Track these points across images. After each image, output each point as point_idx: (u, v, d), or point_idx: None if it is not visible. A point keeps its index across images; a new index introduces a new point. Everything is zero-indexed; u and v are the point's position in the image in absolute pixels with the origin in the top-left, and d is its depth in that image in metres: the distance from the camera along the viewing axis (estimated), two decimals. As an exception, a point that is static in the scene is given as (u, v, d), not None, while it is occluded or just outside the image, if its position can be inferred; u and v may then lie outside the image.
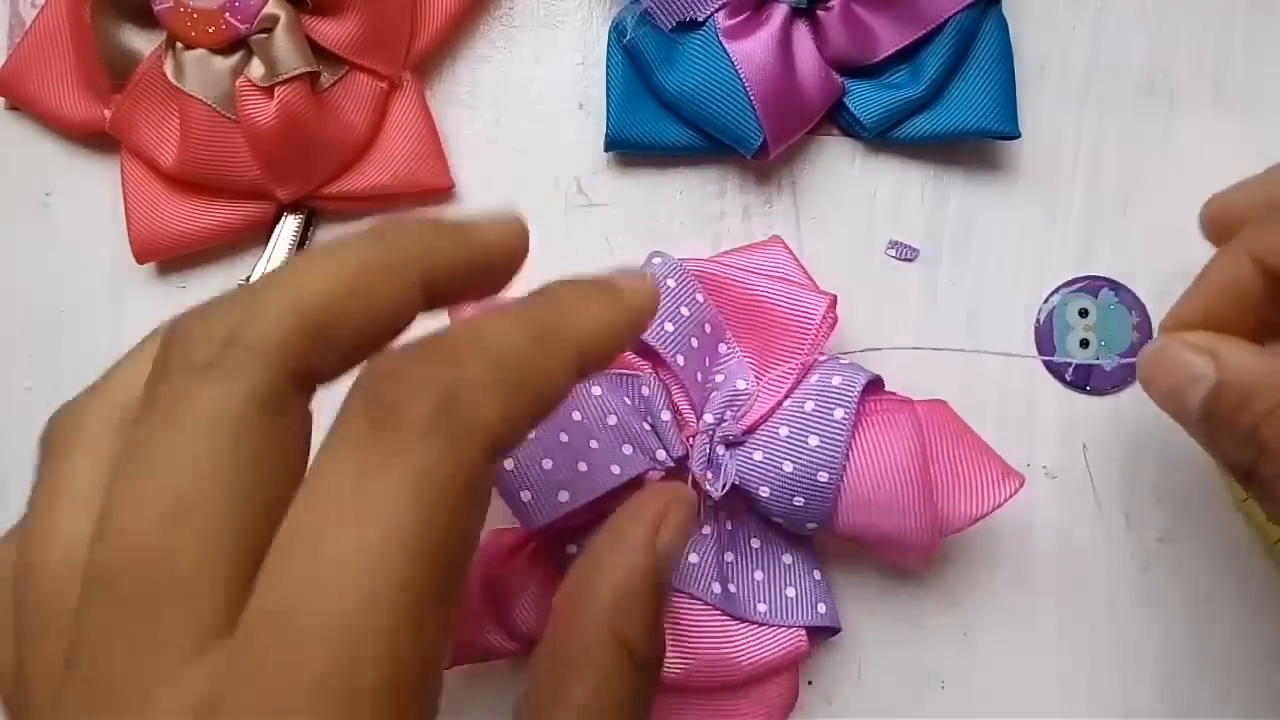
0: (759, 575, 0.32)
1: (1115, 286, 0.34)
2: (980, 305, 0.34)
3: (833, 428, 0.29)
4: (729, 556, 0.31)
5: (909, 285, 0.34)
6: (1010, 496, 0.30)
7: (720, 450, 0.30)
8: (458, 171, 0.34)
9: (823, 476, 0.29)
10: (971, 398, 0.33)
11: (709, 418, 0.30)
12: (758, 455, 0.30)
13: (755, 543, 0.32)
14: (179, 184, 0.33)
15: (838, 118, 0.34)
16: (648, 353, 0.30)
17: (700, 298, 0.31)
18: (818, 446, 0.29)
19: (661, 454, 0.30)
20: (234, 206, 0.33)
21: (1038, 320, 0.34)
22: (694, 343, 0.30)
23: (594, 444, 0.29)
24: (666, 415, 0.30)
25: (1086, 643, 0.33)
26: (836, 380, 0.30)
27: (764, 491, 0.30)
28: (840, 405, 0.29)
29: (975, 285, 0.34)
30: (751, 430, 0.31)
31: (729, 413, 0.31)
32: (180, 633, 0.16)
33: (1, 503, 0.35)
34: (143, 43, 0.33)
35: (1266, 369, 0.24)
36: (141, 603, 0.16)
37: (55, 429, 0.21)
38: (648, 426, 0.30)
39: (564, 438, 0.29)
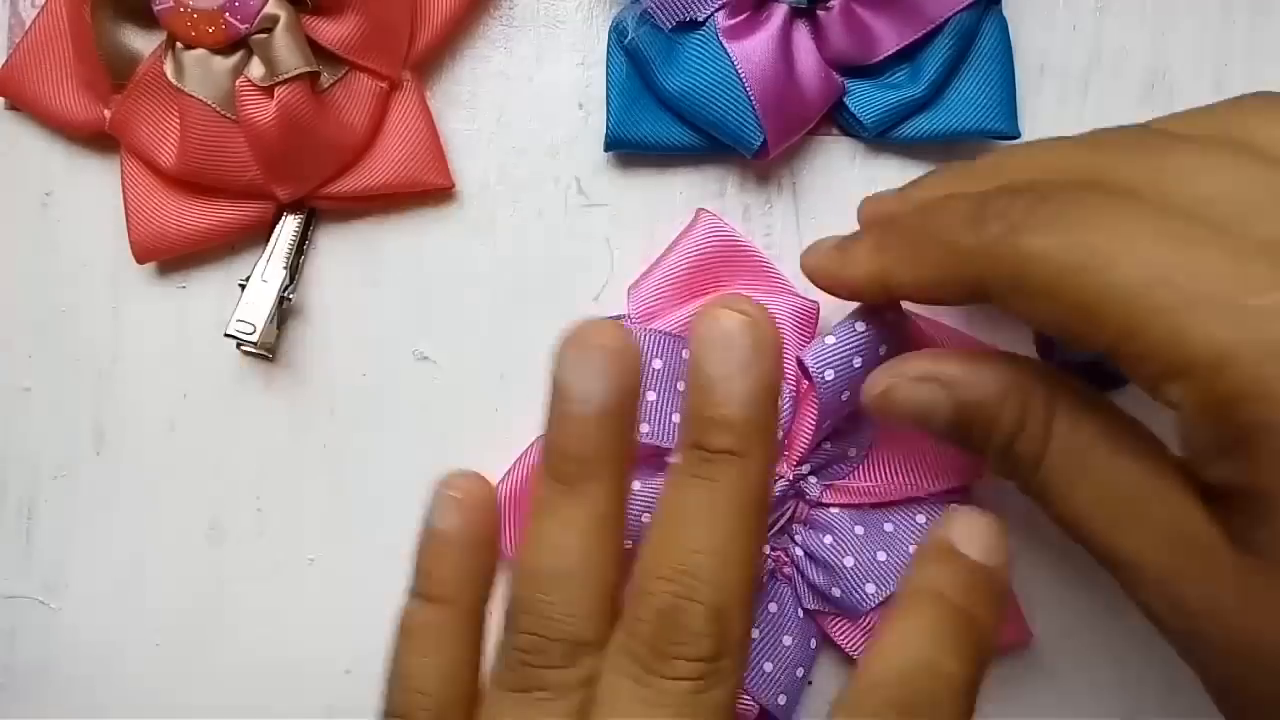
0: (754, 633, 0.32)
1: None
2: (980, 305, 0.34)
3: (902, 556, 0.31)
4: None
5: (909, 285, 0.34)
6: None
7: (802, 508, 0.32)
8: (458, 171, 0.34)
9: (870, 588, 0.31)
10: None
11: (805, 467, 0.31)
12: (828, 539, 0.31)
13: (773, 607, 0.32)
14: (179, 184, 0.33)
15: (838, 118, 0.34)
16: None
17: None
18: (885, 562, 0.31)
19: None
20: (234, 206, 0.33)
21: None
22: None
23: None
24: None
25: (1087, 643, 0.33)
26: (920, 519, 0.31)
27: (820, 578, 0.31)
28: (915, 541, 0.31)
29: (975, 285, 0.34)
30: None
31: (821, 475, 0.31)
32: None
33: (1, 503, 0.35)
34: (143, 43, 0.33)
35: (995, 376, 0.24)
36: None
37: None
38: None
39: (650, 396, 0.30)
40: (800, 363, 0.29)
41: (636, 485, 0.28)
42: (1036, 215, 0.22)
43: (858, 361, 0.29)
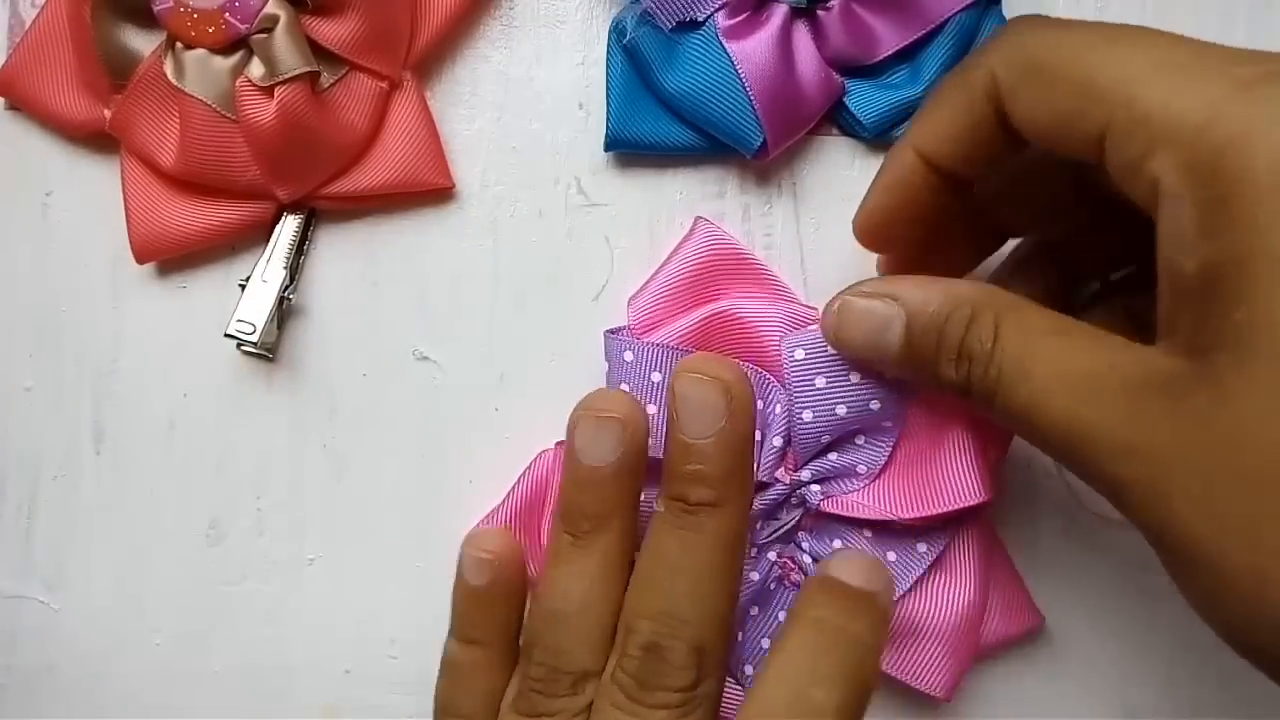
0: (764, 642, 0.32)
1: None
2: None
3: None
4: (754, 610, 0.32)
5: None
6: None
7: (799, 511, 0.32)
8: (458, 171, 0.34)
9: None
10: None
11: (806, 473, 0.31)
12: (836, 544, 0.31)
13: (782, 614, 0.32)
14: (179, 184, 0.33)
15: (838, 118, 0.34)
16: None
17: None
18: (894, 561, 0.31)
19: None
20: (234, 206, 0.33)
21: None
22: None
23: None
24: (778, 441, 0.31)
25: (1087, 642, 0.33)
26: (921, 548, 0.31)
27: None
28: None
29: (975, 285, 0.34)
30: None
31: (823, 487, 0.31)
32: None
33: (1, 502, 0.35)
34: (143, 43, 0.33)
35: (945, 291, 0.25)
36: None
37: None
38: (758, 435, 0.31)
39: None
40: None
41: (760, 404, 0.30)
42: (1038, 25, 0.25)
43: (832, 350, 0.29)
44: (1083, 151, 0.23)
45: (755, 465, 0.29)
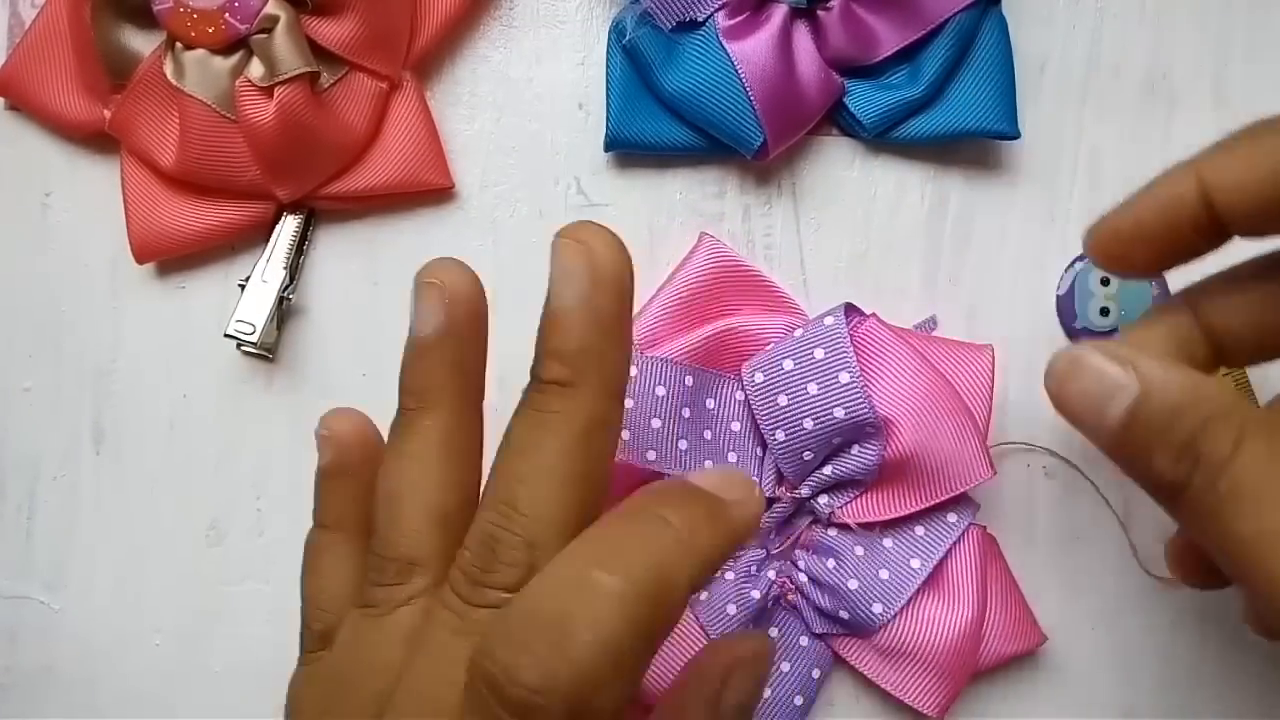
0: None
1: None
2: (980, 305, 0.34)
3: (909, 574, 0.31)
4: (750, 628, 0.32)
5: (909, 286, 0.34)
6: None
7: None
8: (458, 171, 0.34)
9: (877, 608, 0.31)
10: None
11: (805, 489, 0.31)
12: (831, 563, 0.31)
13: (774, 632, 0.32)
14: (179, 184, 0.33)
15: (838, 118, 0.34)
16: None
17: (691, 381, 0.31)
18: (888, 580, 0.31)
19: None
20: (234, 206, 0.33)
21: (1059, 288, 0.34)
22: (735, 427, 0.32)
23: (707, 434, 0.31)
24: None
25: (1087, 643, 0.34)
26: (920, 530, 0.31)
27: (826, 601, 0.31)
28: (918, 556, 0.31)
29: (974, 285, 0.34)
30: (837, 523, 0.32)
31: (831, 498, 0.32)
32: None
33: (1, 502, 0.35)
34: (143, 43, 0.33)
35: (1193, 382, 0.23)
36: None
37: None
38: (759, 452, 0.32)
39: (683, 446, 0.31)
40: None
41: (710, 404, 0.30)
42: None
43: (789, 364, 0.30)
44: None
45: (630, 348, 0.26)
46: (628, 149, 0.34)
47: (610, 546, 0.20)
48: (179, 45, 0.32)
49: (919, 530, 0.31)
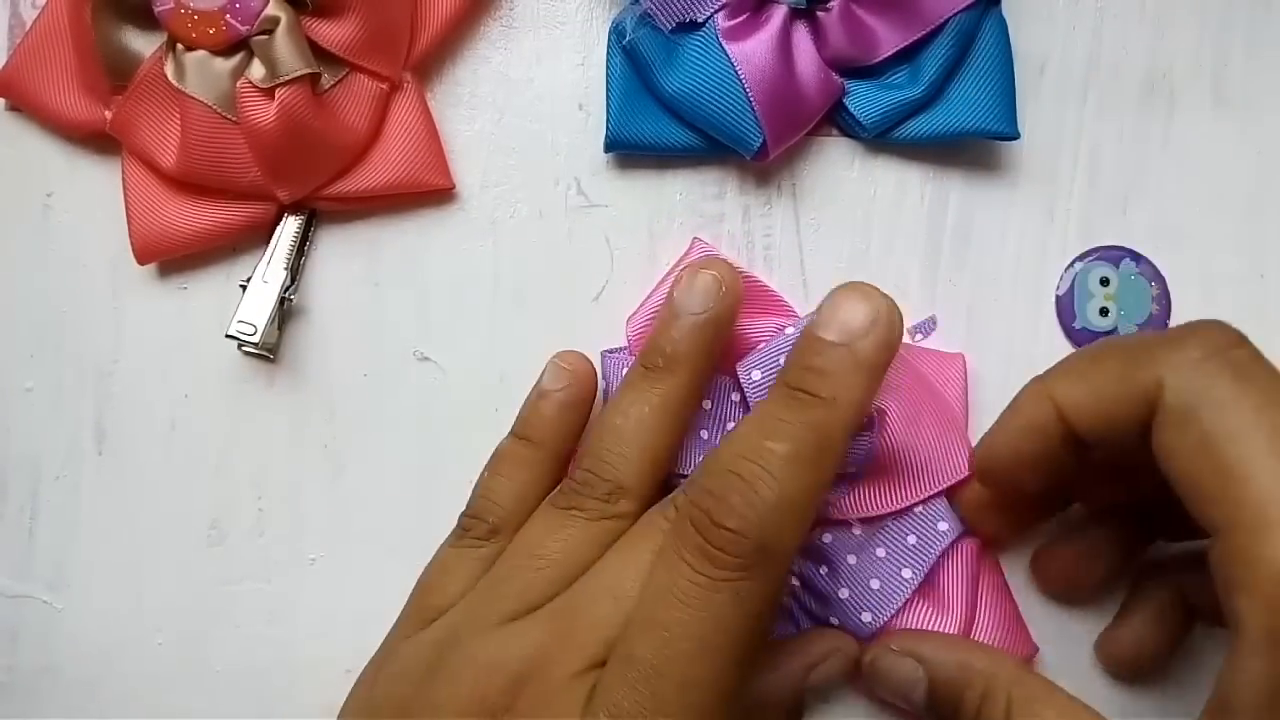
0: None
1: (1136, 257, 0.34)
2: (979, 305, 0.34)
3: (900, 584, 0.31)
4: None
5: (909, 286, 0.34)
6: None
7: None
8: (458, 172, 0.34)
9: (866, 617, 0.31)
10: (980, 389, 0.33)
11: None
12: (824, 570, 0.31)
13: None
14: (179, 185, 0.33)
15: (837, 118, 0.34)
16: None
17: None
18: (879, 589, 0.32)
19: None
20: (234, 207, 0.33)
21: (1059, 288, 0.34)
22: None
23: (704, 434, 0.31)
24: None
25: (1086, 643, 0.33)
26: (911, 540, 0.32)
27: (843, 593, 0.32)
28: (909, 566, 0.32)
29: (974, 285, 0.34)
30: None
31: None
32: None
33: (2, 502, 0.35)
34: (143, 44, 0.33)
35: (960, 662, 0.29)
36: None
37: None
38: None
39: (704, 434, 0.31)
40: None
41: (706, 404, 0.31)
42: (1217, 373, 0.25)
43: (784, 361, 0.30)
44: (1199, 507, 0.24)
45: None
46: (628, 150, 0.34)
47: (774, 424, 0.25)
48: (180, 46, 0.32)
49: (911, 540, 0.31)
